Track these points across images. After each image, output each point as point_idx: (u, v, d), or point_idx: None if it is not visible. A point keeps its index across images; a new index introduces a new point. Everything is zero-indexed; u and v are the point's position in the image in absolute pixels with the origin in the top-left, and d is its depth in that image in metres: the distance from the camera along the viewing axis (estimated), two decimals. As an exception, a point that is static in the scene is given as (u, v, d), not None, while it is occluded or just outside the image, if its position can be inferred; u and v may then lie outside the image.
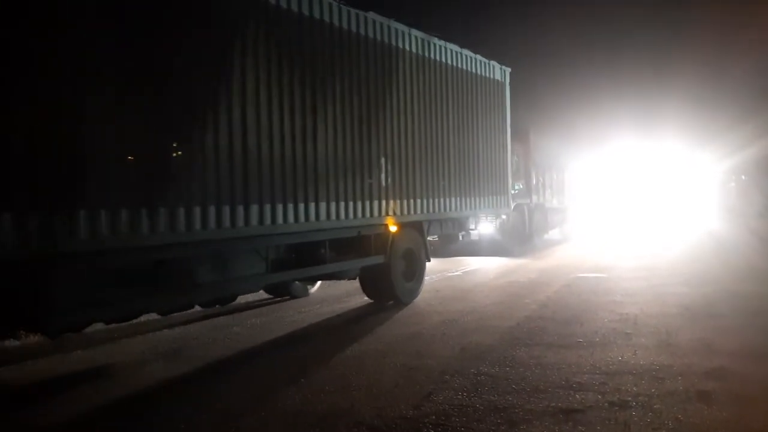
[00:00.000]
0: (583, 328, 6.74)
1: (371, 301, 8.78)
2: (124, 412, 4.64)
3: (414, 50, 8.76)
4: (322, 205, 7.04)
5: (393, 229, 8.38)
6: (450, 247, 12.93)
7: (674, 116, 26.58)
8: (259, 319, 7.90)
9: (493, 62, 11.04)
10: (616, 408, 4.28)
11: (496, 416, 4.20)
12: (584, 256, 15.12)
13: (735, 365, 5.16)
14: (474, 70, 10.37)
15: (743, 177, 26.81)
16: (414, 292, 8.99)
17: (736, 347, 5.73)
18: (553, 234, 20.09)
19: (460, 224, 10.44)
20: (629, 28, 35.40)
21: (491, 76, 11.00)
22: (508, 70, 11.67)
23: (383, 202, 8.05)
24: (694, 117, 26.67)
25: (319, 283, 9.80)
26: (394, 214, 8.26)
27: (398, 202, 8.32)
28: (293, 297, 9.42)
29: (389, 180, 8.17)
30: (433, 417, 4.22)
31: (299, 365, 5.66)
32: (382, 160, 8.05)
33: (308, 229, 6.89)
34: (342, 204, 7.33)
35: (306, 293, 9.63)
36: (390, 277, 8.45)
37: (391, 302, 8.60)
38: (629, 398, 4.45)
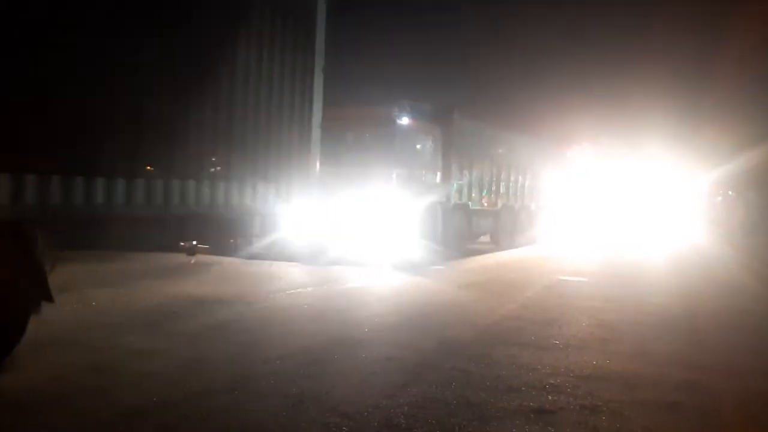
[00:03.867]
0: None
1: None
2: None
3: None
4: None
5: None
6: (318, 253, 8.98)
7: (658, 118, 25.23)
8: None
9: None
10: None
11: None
12: (502, 277, 11.15)
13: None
14: None
15: (730, 192, 26.98)
16: None
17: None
18: (481, 241, 16.34)
19: (231, 226, 6.74)
20: (612, 29, 34.38)
21: None
22: None
23: None
24: (680, 123, 26.00)
25: None
26: None
27: None
28: None
29: None
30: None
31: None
32: None
33: None
34: None
35: None
36: None
37: None
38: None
